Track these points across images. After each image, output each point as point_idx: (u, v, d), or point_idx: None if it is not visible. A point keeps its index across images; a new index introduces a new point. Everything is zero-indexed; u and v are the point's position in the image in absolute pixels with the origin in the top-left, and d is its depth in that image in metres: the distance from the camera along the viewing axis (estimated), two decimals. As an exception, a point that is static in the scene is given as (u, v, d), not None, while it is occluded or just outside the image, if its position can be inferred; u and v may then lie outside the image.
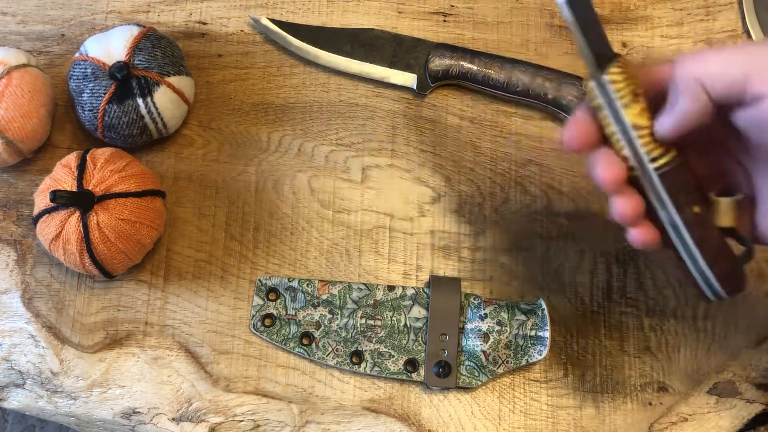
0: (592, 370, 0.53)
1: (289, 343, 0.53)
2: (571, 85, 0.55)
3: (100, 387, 0.52)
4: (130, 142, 0.54)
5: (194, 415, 0.52)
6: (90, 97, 0.52)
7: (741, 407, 0.52)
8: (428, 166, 0.56)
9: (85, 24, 0.59)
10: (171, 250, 0.55)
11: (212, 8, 0.59)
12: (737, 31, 0.58)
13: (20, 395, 0.52)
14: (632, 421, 0.52)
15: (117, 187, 0.49)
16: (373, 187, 0.56)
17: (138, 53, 0.52)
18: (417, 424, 0.52)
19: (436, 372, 0.51)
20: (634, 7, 0.59)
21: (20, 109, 0.51)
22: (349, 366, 0.52)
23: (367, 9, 0.59)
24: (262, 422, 0.52)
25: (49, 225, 0.49)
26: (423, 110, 0.57)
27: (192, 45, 0.58)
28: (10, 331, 0.53)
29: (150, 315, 0.53)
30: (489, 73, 0.56)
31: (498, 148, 0.57)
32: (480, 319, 0.52)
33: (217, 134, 0.57)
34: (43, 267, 0.54)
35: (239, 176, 0.56)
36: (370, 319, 0.53)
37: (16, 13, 0.59)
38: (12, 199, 0.55)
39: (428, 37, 0.58)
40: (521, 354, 0.51)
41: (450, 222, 0.55)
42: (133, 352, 0.53)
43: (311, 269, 0.55)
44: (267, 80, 0.58)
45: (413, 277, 0.54)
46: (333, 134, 0.57)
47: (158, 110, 0.52)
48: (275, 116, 0.57)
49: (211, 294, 0.54)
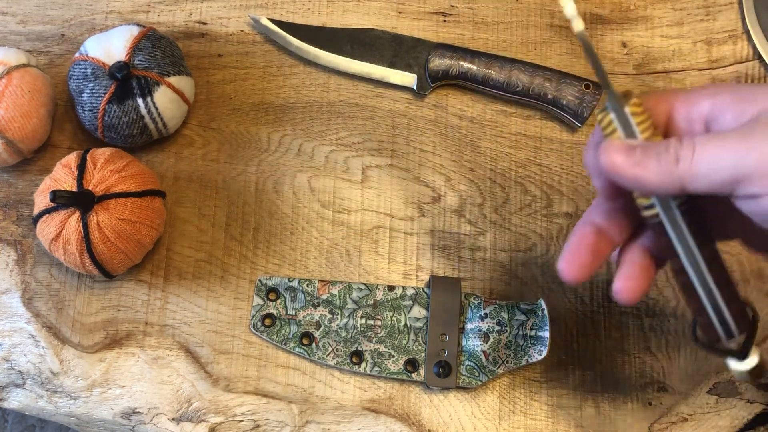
0: (592, 370, 0.53)
1: (289, 343, 0.53)
2: (571, 85, 0.55)
3: (100, 387, 0.52)
4: (130, 142, 0.54)
5: (194, 415, 0.52)
6: (90, 97, 0.52)
7: (741, 407, 0.52)
8: (428, 166, 0.56)
9: (85, 24, 0.59)
10: (171, 250, 0.55)
11: (212, 8, 0.59)
12: (737, 31, 0.58)
13: (20, 395, 0.52)
14: (632, 421, 0.52)
15: (117, 187, 0.49)
16: (373, 187, 0.56)
17: (138, 53, 0.52)
18: (417, 424, 0.52)
19: (436, 372, 0.51)
20: (634, 7, 0.59)
21: (20, 109, 0.51)
22: (349, 366, 0.52)
23: (367, 9, 0.59)
24: (262, 422, 0.52)
25: (49, 225, 0.49)
26: (423, 110, 0.57)
27: (192, 45, 0.58)
28: (10, 331, 0.53)
29: (150, 315, 0.53)
30: (489, 73, 0.56)
31: (498, 148, 0.57)
32: (480, 319, 0.52)
33: (217, 134, 0.57)
34: (43, 267, 0.54)
35: (239, 176, 0.56)
36: (370, 319, 0.53)
37: (16, 13, 0.59)
38: (12, 199, 0.55)
39: (428, 37, 0.58)
40: (521, 354, 0.51)
41: (450, 222, 0.55)
42: (133, 352, 0.53)
43: (311, 269, 0.55)
44: (267, 80, 0.58)
45: (413, 277, 0.54)
46: (333, 134, 0.57)
47: (158, 110, 0.52)
48: (275, 116, 0.57)
49: (211, 294, 0.54)
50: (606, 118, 0.38)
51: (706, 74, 0.58)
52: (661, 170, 0.36)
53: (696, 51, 0.58)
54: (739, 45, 0.58)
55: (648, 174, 0.36)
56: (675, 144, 0.36)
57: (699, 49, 0.58)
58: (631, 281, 0.41)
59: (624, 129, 0.38)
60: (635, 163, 0.36)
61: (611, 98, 0.37)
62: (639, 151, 0.37)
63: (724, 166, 0.34)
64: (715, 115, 0.38)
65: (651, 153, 0.36)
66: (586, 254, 0.41)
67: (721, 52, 0.58)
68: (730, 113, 0.37)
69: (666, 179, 0.36)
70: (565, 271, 0.41)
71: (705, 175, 0.35)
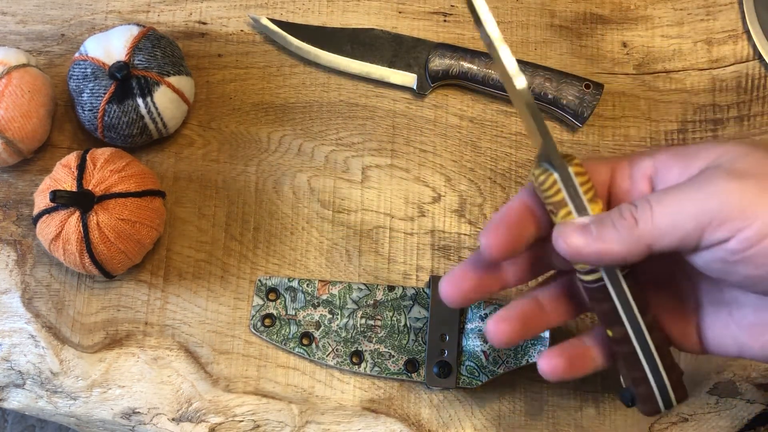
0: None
1: (289, 343, 0.53)
2: (571, 85, 0.55)
3: (100, 387, 0.52)
4: (130, 142, 0.54)
5: (194, 416, 0.52)
6: (90, 97, 0.52)
7: (741, 407, 0.52)
8: (428, 166, 0.56)
9: (85, 24, 0.59)
10: (171, 250, 0.55)
11: (212, 8, 0.59)
12: (737, 31, 0.58)
13: (20, 395, 0.52)
14: (632, 421, 0.52)
15: (117, 187, 0.49)
16: (373, 187, 0.56)
17: (138, 53, 0.52)
18: (417, 425, 0.52)
19: (437, 372, 0.51)
20: (634, 7, 0.59)
21: (20, 109, 0.51)
22: (349, 366, 0.52)
23: (367, 9, 0.59)
24: (262, 422, 0.52)
25: (49, 225, 0.49)
26: (423, 110, 0.57)
27: (192, 45, 0.58)
28: (10, 331, 0.53)
29: (150, 315, 0.53)
30: (489, 73, 0.56)
31: (498, 148, 0.57)
32: (480, 319, 0.52)
33: (217, 134, 0.57)
34: (43, 267, 0.54)
35: (239, 176, 0.56)
36: (370, 319, 0.53)
37: (15, 12, 0.59)
38: (12, 199, 0.55)
39: (428, 37, 0.58)
40: (521, 354, 0.51)
41: (450, 222, 0.55)
42: (133, 352, 0.53)
43: (311, 269, 0.55)
44: (267, 80, 0.58)
45: (413, 277, 0.54)
46: (333, 134, 0.57)
47: (158, 110, 0.52)
48: (275, 116, 0.57)
49: (211, 294, 0.54)
50: (549, 179, 0.37)
51: (706, 74, 0.58)
52: (622, 238, 0.35)
53: (696, 51, 0.58)
54: (740, 45, 0.58)
55: (610, 246, 0.35)
56: (629, 208, 0.35)
57: (699, 49, 0.58)
58: (506, 324, 0.40)
59: (566, 189, 0.36)
60: (594, 239, 0.35)
61: (556, 158, 0.36)
62: (593, 226, 0.36)
63: (687, 218, 0.34)
64: (659, 173, 0.38)
65: (607, 224, 0.35)
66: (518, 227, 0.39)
67: (722, 52, 0.58)
68: (676, 168, 0.37)
69: (630, 245, 0.35)
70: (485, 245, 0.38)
71: (669, 231, 0.34)
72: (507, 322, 0.40)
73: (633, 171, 0.39)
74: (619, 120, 0.57)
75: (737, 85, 0.57)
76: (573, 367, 0.41)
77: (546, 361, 0.40)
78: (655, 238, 0.34)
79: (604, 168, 0.39)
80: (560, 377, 0.40)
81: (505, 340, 0.40)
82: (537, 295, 0.42)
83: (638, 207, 0.35)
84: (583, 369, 0.41)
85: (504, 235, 0.37)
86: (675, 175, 0.37)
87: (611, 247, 0.35)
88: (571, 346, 0.41)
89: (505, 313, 0.41)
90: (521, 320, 0.40)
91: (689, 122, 0.57)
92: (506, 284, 0.41)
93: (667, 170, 0.37)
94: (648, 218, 0.35)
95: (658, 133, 0.57)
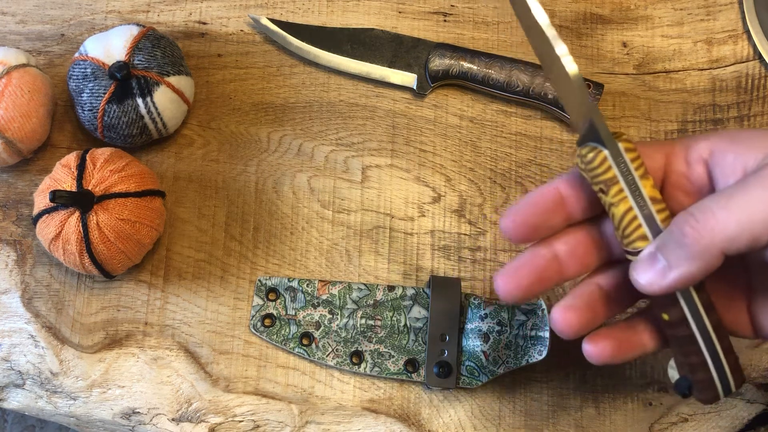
0: (593, 371, 0.53)
1: (289, 343, 0.53)
2: (571, 85, 0.55)
3: (99, 387, 0.52)
4: (130, 142, 0.54)
5: (194, 416, 0.52)
6: (90, 97, 0.52)
7: (741, 407, 0.52)
8: (428, 166, 0.56)
9: (85, 24, 0.59)
10: (171, 250, 0.55)
11: (212, 8, 0.59)
12: (737, 31, 0.58)
13: (20, 395, 0.52)
14: (632, 422, 0.52)
15: (117, 187, 0.49)
16: (373, 187, 0.56)
17: (138, 53, 0.52)
18: (417, 425, 0.52)
19: (437, 372, 0.51)
20: (634, 7, 0.59)
21: (20, 109, 0.51)
22: (349, 366, 0.52)
23: (367, 9, 0.59)
24: (262, 422, 0.51)
25: (48, 225, 0.49)
26: (423, 110, 0.57)
27: (192, 45, 0.58)
28: (10, 331, 0.53)
29: (150, 315, 0.53)
30: (489, 73, 0.56)
31: (498, 148, 0.57)
32: (480, 320, 0.52)
33: (217, 134, 0.57)
34: (43, 267, 0.54)
35: (239, 176, 0.56)
36: (370, 319, 0.53)
37: (15, 12, 0.59)
38: (12, 199, 0.55)
39: (428, 37, 0.58)
40: (521, 354, 0.51)
41: (450, 222, 0.55)
42: (133, 352, 0.53)
43: (311, 269, 0.55)
44: (267, 80, 0.58)
45: (413, 277, 0.54)
46: (333, 134, 0.57)
47: (158, 110, 0.52)
48: (275, 116, 0.57)
49: (211, 294, 0.54)
50: (599, 156, 0.36)
51: (706, 74, 0.58)
52: (692, 254, 0.34)
53: (696, 51, 0.58)
54: (740, 45, 0.58)
55: (685, 268, 0.34)
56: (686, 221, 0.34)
57: (699, 48, 0.58)
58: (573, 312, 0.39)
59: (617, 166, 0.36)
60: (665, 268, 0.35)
61: (606, 135, 0.36)
62: (660, 254, 0.35)
63: (758, 219, 0.33)
64: (714, 156, 0.38)
65: (671, 246, 0.35)
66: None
67: (722, 52, 0.58)
68: (730, 154, 0.37)
69: (703, 259, 0.34)
70: (508, 225, 0.38)
71: (739, 235, 0.33)
72: (573, 310, 0.39)
73: (689, 154, 0.39)
74: (619, 120, 0.57)
75: (737, 85, 0.57)
76: (621, 350, 0.40)
77: (593, 343, 0.39)
78: (725, 245, 0.34)
79: (658, 153, 0.39)
80: (607, 360, 0.39)
81: (575, 329, 0.39)
82: (598, 281, 0.41)
83: (697, 217, 0.34)
84: (631, 352, 0.40)
85: (525, 220, 0.37)
86: (730, 161, 0.37)
87: (686, 270, 0.34)
88: (619, 329, 0.40)
89: (570, 300, 0.39)
90: (590, 308, 0.39)
91: (689, 122, 0.57)
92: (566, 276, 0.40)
93: (722, 155, 0.37)
94: (713, 226, 0.34)
95: (658, 133, 0.57)
